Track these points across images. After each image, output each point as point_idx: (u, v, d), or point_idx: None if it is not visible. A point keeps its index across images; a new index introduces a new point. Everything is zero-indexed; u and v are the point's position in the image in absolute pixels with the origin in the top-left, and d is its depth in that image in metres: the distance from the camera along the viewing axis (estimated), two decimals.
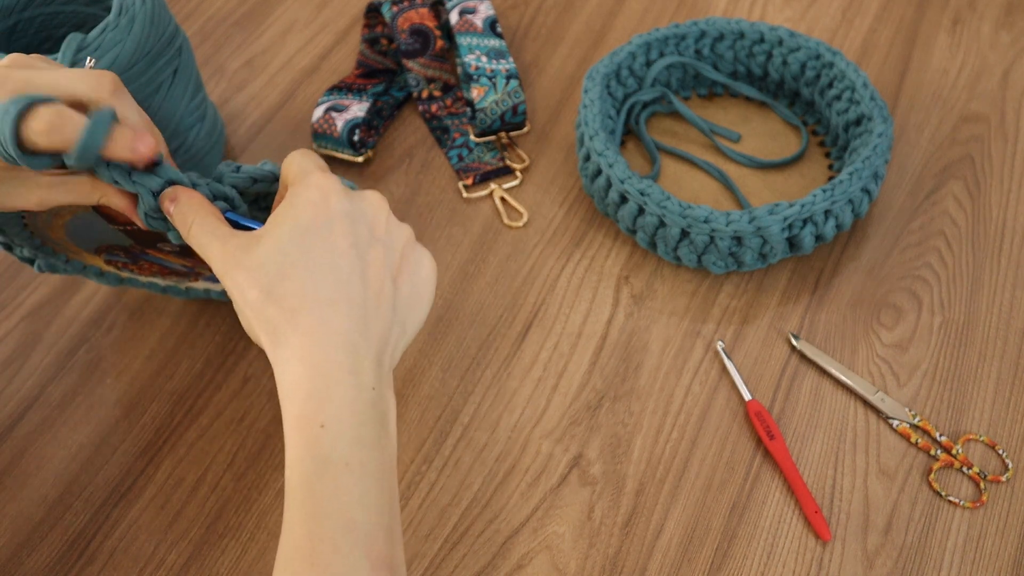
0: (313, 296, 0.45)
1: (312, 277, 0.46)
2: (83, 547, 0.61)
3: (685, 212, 0.67)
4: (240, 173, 0.54)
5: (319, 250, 0.46)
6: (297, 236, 0.46)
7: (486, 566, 0.60)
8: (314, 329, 0.45)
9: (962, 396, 0.66)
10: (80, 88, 0.47)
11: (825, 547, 0.60)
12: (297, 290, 0.45)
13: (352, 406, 0.44)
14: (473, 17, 0.83)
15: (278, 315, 0.45)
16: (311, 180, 0.48)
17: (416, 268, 0.50)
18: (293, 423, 0.44)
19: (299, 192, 0.47)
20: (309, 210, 0.47)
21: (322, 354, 0.45)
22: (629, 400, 0.66)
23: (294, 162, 0.50)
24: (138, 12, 0.65)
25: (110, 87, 0.48)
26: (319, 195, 0.47)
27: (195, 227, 0.49)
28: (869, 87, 0.73)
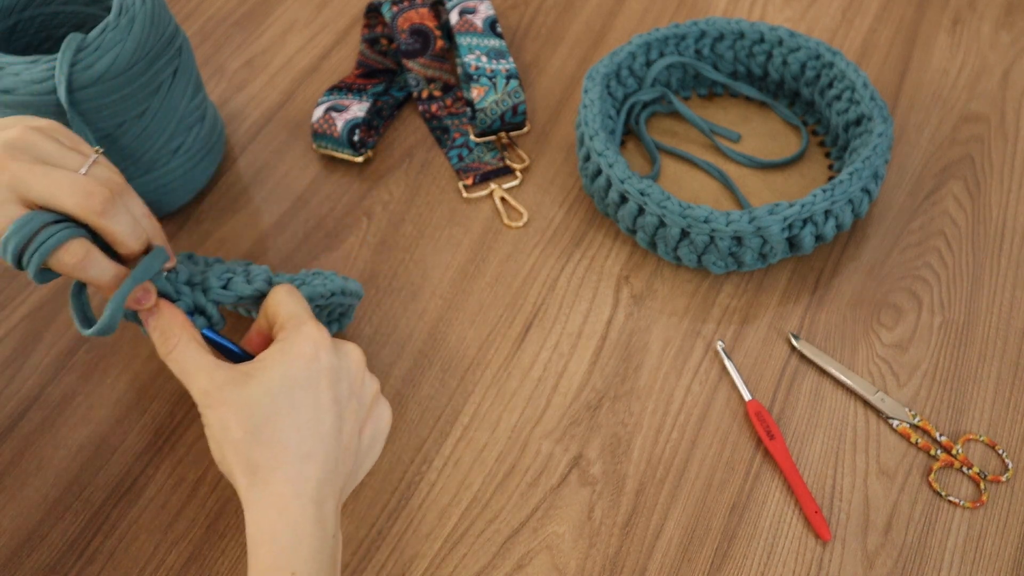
0: (296, 448, 0.48)
1: (297, 429, 0.48)
2: (83, 547, 0.61)
3: (685, 212, 0.67)
4: (228, 290, 0.55)
5: (305, 403, 0.49)
6: (287, 386, 0.48)
7: (486, 566, 0.60)
8: (292, 481, 0.48)
9: (962, 396, 0.66)
10: (68, 207, 0.49)
11: (825, 547, 0.60)
12: (282, 439, 0.48)
13: (318, 555, 0.48)
14: (473, 17, 0.83)
15: (261, 459, 0.48)
16: (305, 331, 0.50)
17: (378, 420, 0.54)
18: (265, 568, 0.47)
19: (293, 342, 0.50)
20: (301, 363, 0.49)
21: (297, 507, 0.47)
22: (629, 400, 0.66)
23: (283, 303, 0.53)
24: (138, 12, 0.65)
25: (99, 208, 0.49)
26: (311, 350, 0.49)
27: (178, 351, 0.51)
28: (869, 87, 0.73)
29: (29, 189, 0.48)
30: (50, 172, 0.49)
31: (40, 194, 0.48)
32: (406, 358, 0.69)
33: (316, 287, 0.58)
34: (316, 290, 0.58)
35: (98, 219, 0.49)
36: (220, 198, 0.78)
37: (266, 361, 0.49)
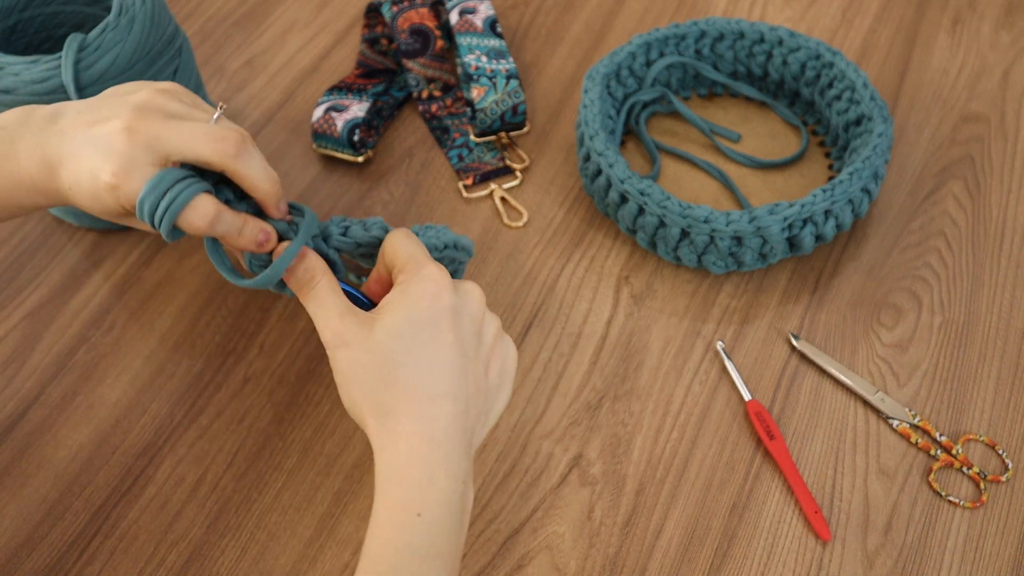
0: (424, 388, 0.48)
1: (423, 370, 0.49)
2: (83, 547, 0.61)
3: (685, 212, 0.67)
4: (347, 236, 0.56)
5: (430, 343, 0.49)
6: (411, 327, 0.49)
7: (486, 566, 0.60)
8: (422, 421, 0.48)
9: (962, 396, 0.66)
10: (205, 155, 0.51)
11: (825, 547, 0.60)
12: (409, 380, 0.48)
13: (447, 499, 0.47)
14: (473, 17, 0.83)
15: (390, 401, 0.48)
16: (426, 272, 0.51)
17: (504, 359, 0.53)
18: (390, 505, 0.47)
19: (414, 283, 0.50)
20: (424, 302, 0.49)
21: (426, 447, 0.48)
22: (629, 400, 0.66)
23: (401, 246, 0.53)
24: (138, 12, 0.65)
25: (233, 152, 0.51)
26: (434, 288, 0.50)
27: (318, 290, 0.52)
28: (869, 87, 0.73)
29: (166, 144, 0.50)
30: (183, 125, 0.51)
31: (177, 147, 0.50)
32: None
33: (430, 238, 0.58)
34: (430, 241, 0.57)
35: (233, 162, 0.51)
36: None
37: (391, 304, 0.50)
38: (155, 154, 0.50)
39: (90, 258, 0.74)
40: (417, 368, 0.48)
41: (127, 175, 0.49)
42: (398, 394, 0.48)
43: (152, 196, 0.49)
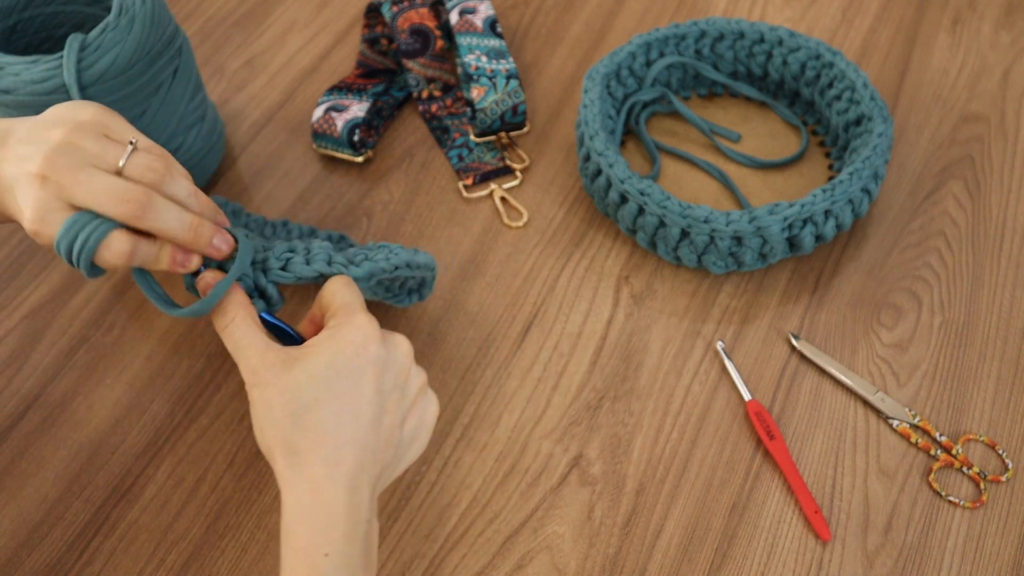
0: (334, 435, 0.49)
1: (337, 416, 0.49)
2: (83, 547, 0.61)
3: (685, 212, 0.67)
4: (287, 271, 0.56)
5: (348, 393, 0.49)
6: (332, 374, 0.49)
7: (486, 566, 0.60)
8: (328, 466, 0.49)
9: (962, 396, 0.66)
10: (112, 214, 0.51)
11: (825, 547, 0.60)
12: (321, 425, 0.49)
13: (351, 538, 0.49)
14: (473, 17, 0.83)
15: (299, 442, 0.49)
16: (357, 321, 0.51)
17: (422, 413, 0.54)
18: (299, 548, 0.48)
19: (343, 330, 0.51)
20: (349, 351, 0.50)
21: (331, 491, 0.48)
22: (629, 400, 0.66)
23: (337, 293, 0.54)
24: (138, 12, 0.65)
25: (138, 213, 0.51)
26: (361, 339, 0.50)
27: (234, 326, 0.52)
28: (869, 87, 0.73)
29: (72, 197, 0.50)
30: (92, 179, 0.50)
31: (83, 202, 0.50)
32: None
33: (379, 262, 0.58)
34: (378, 264, 0.58)
35: (139, 223, 0.51)
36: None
37: (315, 347, 0.50)
38: (64, 203, 0.50)
39: None
40: (331, 414, 0.49)
41: (42, 222, 0.50)
42: (308, 437, 0.49)
43: (66, 239, 0.50)
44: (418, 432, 0.54)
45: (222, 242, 0.54)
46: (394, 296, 0.66)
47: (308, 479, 0.48)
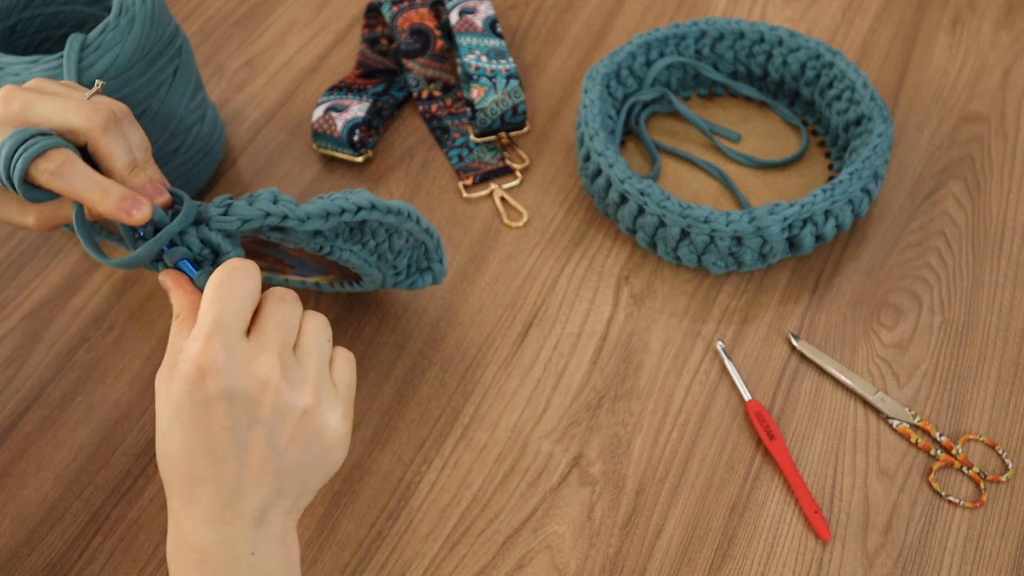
0: (185, 471, 0.45)
1: (186, 452, 0.45)
2: (83, 547, 0.61)
3: (685, 212, 0.67)
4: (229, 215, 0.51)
5: (193, 429, 0.45)
6: (174, 407, 0.45)
7: (486, 566, 0.60)
8: (185, 502, 0.45)
9: (962, 396, 0.66)
10: (73, 122, 0.50)
11: (825, 547, 0.60)
12: (173, 457, 0.45)
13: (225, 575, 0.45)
14: (473, 17, 0.83)
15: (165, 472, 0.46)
16: (193, 353, 0.45)
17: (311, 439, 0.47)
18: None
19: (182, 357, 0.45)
20: (185, 387, 0.44)
21: (192, 529, 0.45)
22: (629, 400, 0.66)
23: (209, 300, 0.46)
24: (138, 12, 0.65)
25: (102, 124, 0.50)
26: (197, 372, 0.44)
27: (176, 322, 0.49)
28: (869, 87, 0.73)
29: (36, 112, 0.50)
30: (57, 97, 0.51)
31: (47, 115, 0.50)
32: (406, 358, 0.69)
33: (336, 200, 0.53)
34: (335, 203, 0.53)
35: (100, 135, 0.50)
36: None
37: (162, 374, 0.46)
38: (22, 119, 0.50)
39: (90, 258, 0.74)
40: (180, 447, 0.45)
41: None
42: (170, 471, 0.45)
43: (8, 145, 0.48)
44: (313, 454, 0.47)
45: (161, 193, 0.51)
46: (405, 278, 0.65)
47: (172, 510, 0.46)
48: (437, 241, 0.63)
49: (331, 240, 0.56)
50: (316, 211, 0.52)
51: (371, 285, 0.65)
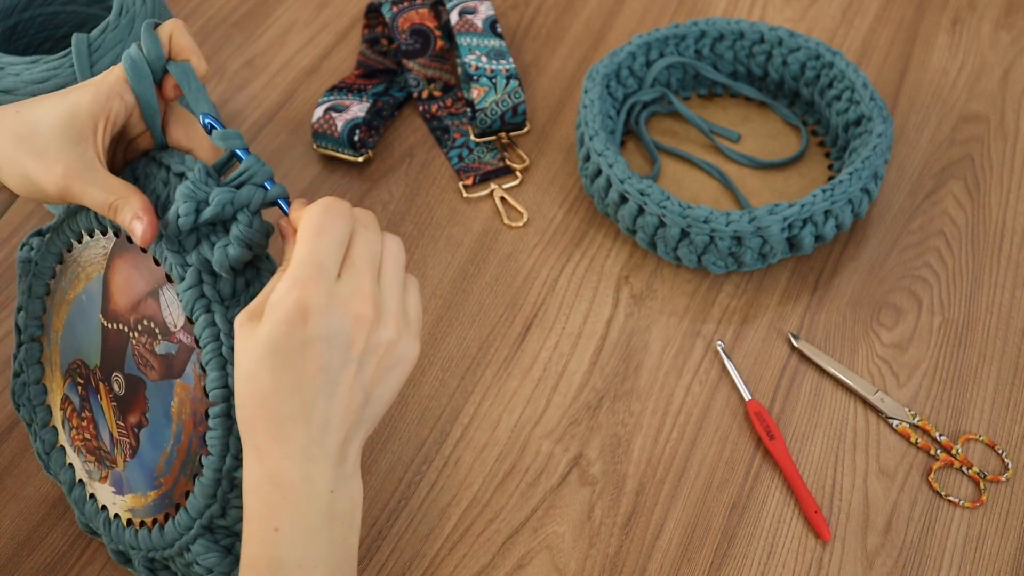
0: (276, 410, 0.46)
1: (279, 393, 0.46)
2: (83, 547, 0.61)
3: (685, 212, 0.67)
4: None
5: (289, 371, 0.46)
6: (270, 350, 0.45)
7: (486, 566, 0.60)
8: (274, 440, 0.46)
9: (962, 396, 0.66)
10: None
11: (825, 547, 0.60)
12: (264, 398, 0.46)
13: (305, 512, 0.46)
14: (473, 17, 0.83)
15: (252, 415, 0.46)
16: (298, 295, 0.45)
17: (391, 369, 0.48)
18: (251, 519, 0.47)
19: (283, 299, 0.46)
20: (283, 327, 0.45)
21: (277, 465, 0.46)
22: (629, 400, 0.66)
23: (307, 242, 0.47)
24: (138, 12, 0.65)
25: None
26: (298, 315, 0.45)
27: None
28: (869, 87, 0.73)
29: None
30: None
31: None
32: None
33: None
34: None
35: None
36: None
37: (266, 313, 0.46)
38: None
39: None
40: (273, 389, 0.46)
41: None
42: (254, 407, 0.46)
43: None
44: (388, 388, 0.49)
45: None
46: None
47: (258, 452, 0.46)
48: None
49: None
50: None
51: None
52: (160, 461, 0.55)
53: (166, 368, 0.54)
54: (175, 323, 0.53)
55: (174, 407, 0.54)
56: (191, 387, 0.53)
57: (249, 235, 0.50)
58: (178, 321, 0.53)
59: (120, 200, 0.51)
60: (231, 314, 0.52)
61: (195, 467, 0.53)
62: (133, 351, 0.55)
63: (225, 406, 0.51)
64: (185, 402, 0.54)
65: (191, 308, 0.51)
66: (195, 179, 0.51)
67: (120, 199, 0.51)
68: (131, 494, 0.56)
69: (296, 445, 0.46)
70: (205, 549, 0.53)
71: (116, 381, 0.56)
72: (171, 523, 0.54)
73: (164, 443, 0.55)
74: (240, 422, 0.47)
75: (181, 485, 0.54)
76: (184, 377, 0.53)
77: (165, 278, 0.53)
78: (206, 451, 0.52)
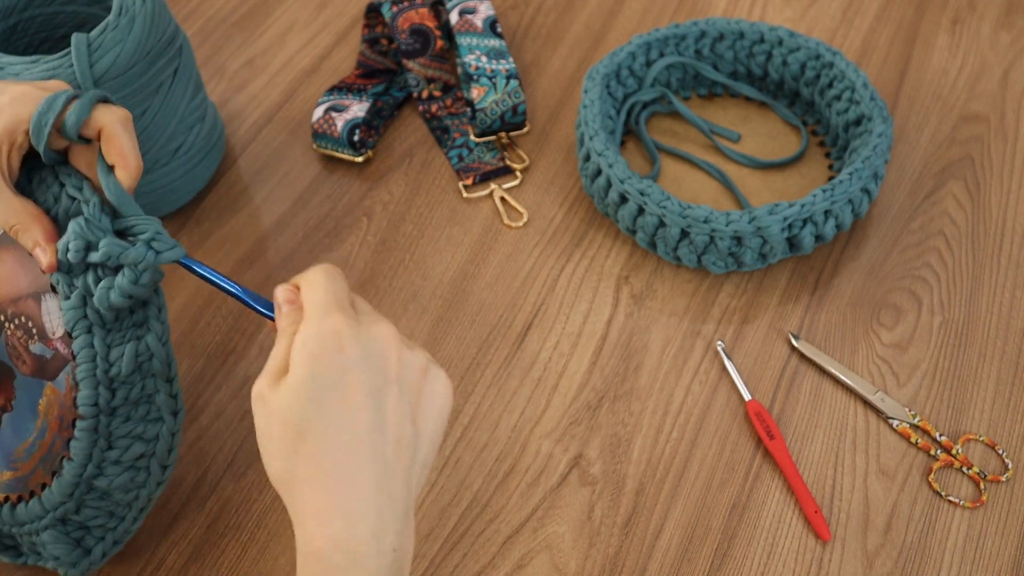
0: (333, 459, 0.43)
1: (330, 438, 0.43)
2: None
3: (685, 212, 0.67)
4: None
5: (335, 406, 0.44)
6: (316, 387, 0.44)
7: (486, 566, 0.60)
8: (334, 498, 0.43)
9: (962, 396, 0.66)
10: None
11: (825, 547, 0.60)
12: (317, 451, 0.43)
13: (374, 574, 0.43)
14: (473, 17, 0.83)
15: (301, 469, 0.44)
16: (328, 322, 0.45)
17: (431, 399, 0.47)
18: None
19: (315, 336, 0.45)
20: (324, 360, 0.44)
21: (344, 527, 0.43)
22: (629, 400, 0.66)
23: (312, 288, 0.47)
24: (138, 12, 0.65)
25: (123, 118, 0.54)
26: (334, 342, 0.44)
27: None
28: (869, 87, 0.73)
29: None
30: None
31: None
32: None
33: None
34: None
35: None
36: (220, 198, 0.78)
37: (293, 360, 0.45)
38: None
39: None
40: (324, 436, 0.43)
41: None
42: (307, 463, 0.43)
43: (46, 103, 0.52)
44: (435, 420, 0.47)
45: None
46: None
47: (315, 511, 0.43)
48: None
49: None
50: None
51: None
52: (19, 447, 0.55)
53: (39, 368, 0.54)
54: (54, 331, 0.54)
55: (42, 405, 0.54)
56: (61, 393, 0.54)
57: (132, 291, 0.51)
58: (57, 331, 0.53)
59: (21, 226, 0.51)
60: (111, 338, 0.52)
61: (55, 465, 0.54)
62: (7, 341, 0.55)
63: (93, 422, 0.52)
64: (53, 405, 0.54)
65: (72, 326, 0.52)
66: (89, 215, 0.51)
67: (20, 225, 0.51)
68: None
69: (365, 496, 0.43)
70: (54, 539, 0.54)
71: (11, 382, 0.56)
72: (23, 506, 0.55)
73: (27, 434, 0.55)
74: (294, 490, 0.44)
75: (38, 476, 0.55)
76: (56, 382, 0.54)
77: (50, 287, 0.53)
78: (68, 455, 0.53)
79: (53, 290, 0.53)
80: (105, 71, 0.63)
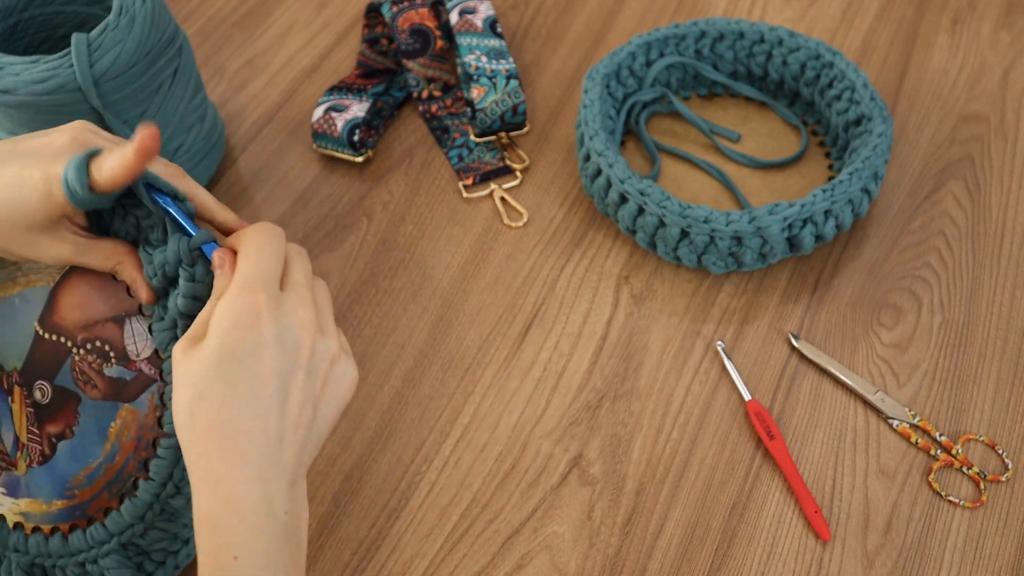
0: (232, 426, 0.45)
1: (234, 406, 0.45)
2: None
3: (685, 212, 0.67)
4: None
5: (241, 377, 0.46)
6: (224, 357, 0.46)
7: (486, 566, 0.60)
8: (228, 464, 0.45)
9: (962, 396, 0.66)
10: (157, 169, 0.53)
11: (825, 547, 0.60)
12: (218, 415, 0.45)
13: (263, 536, 0.45)
14: (473, 17, 0.83)
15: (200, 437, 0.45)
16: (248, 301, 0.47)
17: (336, 386, 0.49)
18: (205, 550, 0.45)
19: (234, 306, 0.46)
20: (239, 332, 0.46)
21: (233, 490, 0.45)
22: (629, 400, 0.66)
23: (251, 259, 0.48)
24: (138, 12, 0.65)
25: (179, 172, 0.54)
26: (250, 319, 0.46)
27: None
28: (869, 87, 0.73)
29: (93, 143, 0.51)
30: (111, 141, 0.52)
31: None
32: (406, 358, 0.69)
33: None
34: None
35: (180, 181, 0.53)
36: (220, 198, 0.78)
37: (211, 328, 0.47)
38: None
39: None
40: (227, 403, 0.45)
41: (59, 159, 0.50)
42: (207, 430, 0.45)
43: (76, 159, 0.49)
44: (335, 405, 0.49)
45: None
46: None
47: (212, 476, 0.45)
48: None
49: None
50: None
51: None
52: (80, 473, 0.55)
53: (114, 391, 0.55)
54: (138, 352, 0.54)
55: (114, 428, 0.55)
56: (142, 414, 0.54)
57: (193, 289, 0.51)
58: (142, 352, 0.54)
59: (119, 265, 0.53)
60: None
61: (125, 487, 0.54)
62: (74, 366, 0.55)
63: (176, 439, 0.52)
64: (130, 426, 0.54)
65: (164, 346, 0.52)
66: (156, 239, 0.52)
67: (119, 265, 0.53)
68: (28, 499, 0.56)
69: (253, 464, 0.45)
70: (118, 564, 0.54)
71: (40, 389, 0.56)
72: (79, 534, 0.55)
73: (90, 459, 0.55)
74: (189, 451, 0.46)
75: (101, 501, 0.55)
76: (136, 403, 0.54)
77: (137, 309, 0.54)
78: (145, 475, 0.53)
79: (140, 312, 0.54)
80: (105, 71, 0.63)
